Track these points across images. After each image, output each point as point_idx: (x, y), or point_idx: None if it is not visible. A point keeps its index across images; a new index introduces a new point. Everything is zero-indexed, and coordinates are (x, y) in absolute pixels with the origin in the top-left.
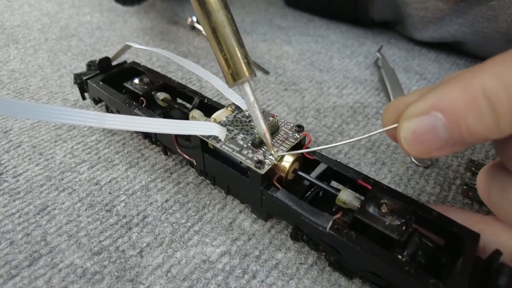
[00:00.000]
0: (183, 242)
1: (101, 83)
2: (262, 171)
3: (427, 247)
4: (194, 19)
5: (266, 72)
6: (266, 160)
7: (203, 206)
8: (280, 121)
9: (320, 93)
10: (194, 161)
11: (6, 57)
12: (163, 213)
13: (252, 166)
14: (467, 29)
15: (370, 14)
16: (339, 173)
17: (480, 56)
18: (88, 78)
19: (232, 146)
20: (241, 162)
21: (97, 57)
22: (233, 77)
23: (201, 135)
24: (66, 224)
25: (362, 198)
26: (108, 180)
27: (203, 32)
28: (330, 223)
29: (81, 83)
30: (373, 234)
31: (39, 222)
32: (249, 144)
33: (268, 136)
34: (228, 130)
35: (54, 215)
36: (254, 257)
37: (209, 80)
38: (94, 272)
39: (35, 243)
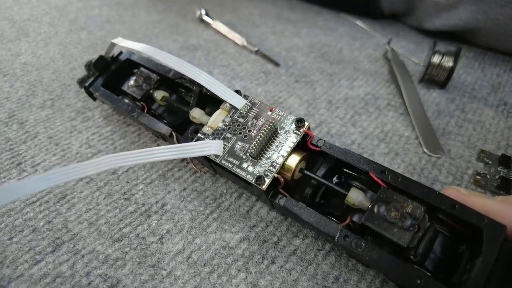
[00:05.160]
0: (202, 229)
1: (102, 88)
2: (263, 187)
3: (443, 239)
4: (203, 11)
5: (277, 64)
6: (267, 174)
7: (220, 195)
8: (279, 115)
9: (331, 84)
10: (205, 173)
11: (18, 50)
12: (181, 201)
13: (253, 182)
14: (481, 16)
15: (381, 4)
16: (349, 164)
17: (492, 47)
18: (89, 85)
19: (231, 159)
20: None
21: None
22: None
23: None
24: (85, 212)
25: (372, 191)
26: (125, 170)
27: (212, 26)
28: (338, 233)
29: (86, 88)
30: (384, 236)
31: (59, 210)
32: (248, 155)
33: None
34: (225, 138)
35: (74, 203)
36: (272, 243)
37: (196, 78)
38: (116, 258)
39: (57, 230)
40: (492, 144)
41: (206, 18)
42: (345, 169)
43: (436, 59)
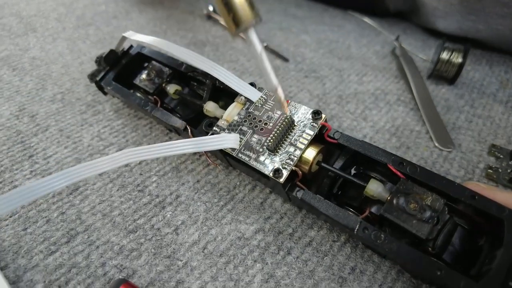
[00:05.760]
0: (217, 220)
1: (113, 82)
2: (281, 180)
3: (462, 232)
4: (211, 8)
5: (286, 60)
6: (285, 167)
7: (234, 187)
8: (296, 107)
9: (341, 80)
10: (219, 165)
11: (26, 45)
12: (195, 193)
13: (270, 175)
14: (482, 26)
15: (385, 2)
16: (367, 156)
17: (497, 48)
18: (101, 80)
19: (247, 153)
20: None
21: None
22: (235, 23)
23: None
24: (99, 203)
25: (390, 183)
26: (138, 162)
27: (220, 22)
28: (358, 225)
29: (97, 82)
30: (402, 228)
31: (72, 201)
32: (264, 148)
33: (280, 91)
34: (241, 131)
35: (87, 195)
36: (287, 234)
37: (211, 72)
38: (131, 249)
39: (71, 221)
40: (503, 139)
41: (213, 15)
42: (362, 161)
43: (445, 55)
